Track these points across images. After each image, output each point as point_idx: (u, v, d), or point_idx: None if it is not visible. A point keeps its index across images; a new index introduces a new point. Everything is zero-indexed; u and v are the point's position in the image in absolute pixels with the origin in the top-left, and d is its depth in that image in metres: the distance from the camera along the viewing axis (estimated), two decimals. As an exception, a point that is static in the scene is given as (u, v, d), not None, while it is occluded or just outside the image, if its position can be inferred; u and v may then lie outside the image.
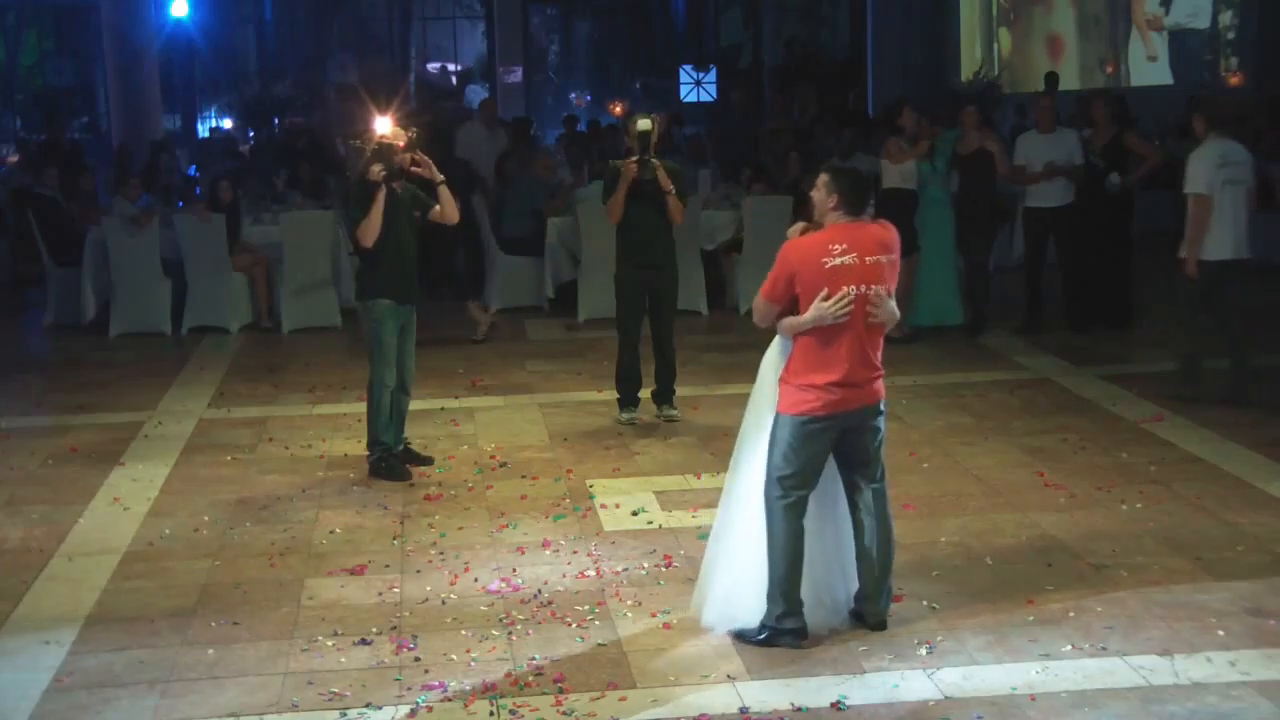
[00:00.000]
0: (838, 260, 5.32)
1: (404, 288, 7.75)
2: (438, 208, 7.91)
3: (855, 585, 5.62)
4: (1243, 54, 20.42)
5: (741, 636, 5.48)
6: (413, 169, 7.77)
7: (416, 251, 7.88)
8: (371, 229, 7.57)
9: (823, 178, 5.47)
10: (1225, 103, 10.56)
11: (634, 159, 8.56)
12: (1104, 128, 11.11)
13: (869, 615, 5.54)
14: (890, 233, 5.45)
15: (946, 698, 4.99)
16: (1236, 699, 4.93)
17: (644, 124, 8.58)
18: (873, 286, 5.32)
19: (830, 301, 5.29)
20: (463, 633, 5.64)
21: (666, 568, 6.31)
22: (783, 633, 5.41)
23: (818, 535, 5.55)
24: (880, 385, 5.50)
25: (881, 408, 5.53)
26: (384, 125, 7.69)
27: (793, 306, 5.40)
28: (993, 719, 4.85)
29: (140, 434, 8.81)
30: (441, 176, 7.94)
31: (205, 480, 7.85)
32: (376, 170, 7.59)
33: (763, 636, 5.43)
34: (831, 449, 5.48)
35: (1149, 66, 20.97)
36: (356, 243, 7.72)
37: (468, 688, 5.15)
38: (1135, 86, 20.00)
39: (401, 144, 7.67)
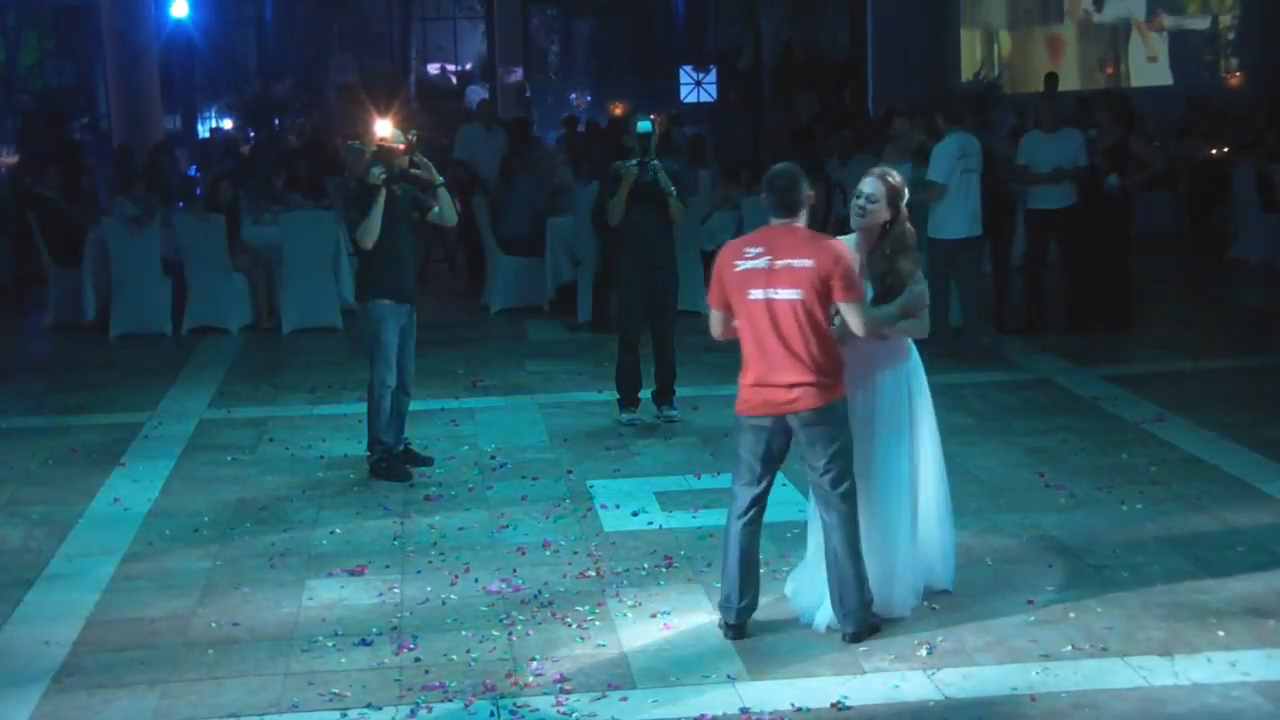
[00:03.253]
0: (749, 264, 5.39)
1: (403, 288, 7.75)
2: (436, 209, 7.92)
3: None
4: (1243, 54, 20.42)
5: None
6: (412, 170, 7.77)
7: (415, 252, 7.89)
8: (370, 231, 7.57)
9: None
10: (961, 101, 11.70)
11: (635, 161, 8.55)
12: (1108, 129, 11.10)
13: (838, 624, 5.52)
14: (823, 241, 5.39)
15: (947, 698, 5.00)
16: (1236, 699, 4.93)
17: (644, 125, 8.58)
18: (782, 291, 5.30)
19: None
20: (463, 633, 5.64)
21: (666, 568, 6.31)
22: (720, 624, 5.57)
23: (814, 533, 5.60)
24: (819, 393, 5.32)
25: (821, 416, 5.34)
26: (384, 128, 7.69)
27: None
28: (993, 719, 4.86)
29: (140, 434, 8.81)
30: (441, 178, 7.95)
31: (205, 480, 7.85)
32: (376, 173, 7.59)
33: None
34: (776, 450, 5.47)
35: (1149, 67, 20.98)
36: (356, 244, 7.74)
37: (468, 688, 5.15)
38: (1135, 86, 20.00)
39: (402, 147, 7.67)
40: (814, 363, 5.33)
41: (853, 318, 5.34)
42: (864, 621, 5.46)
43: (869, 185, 5.65)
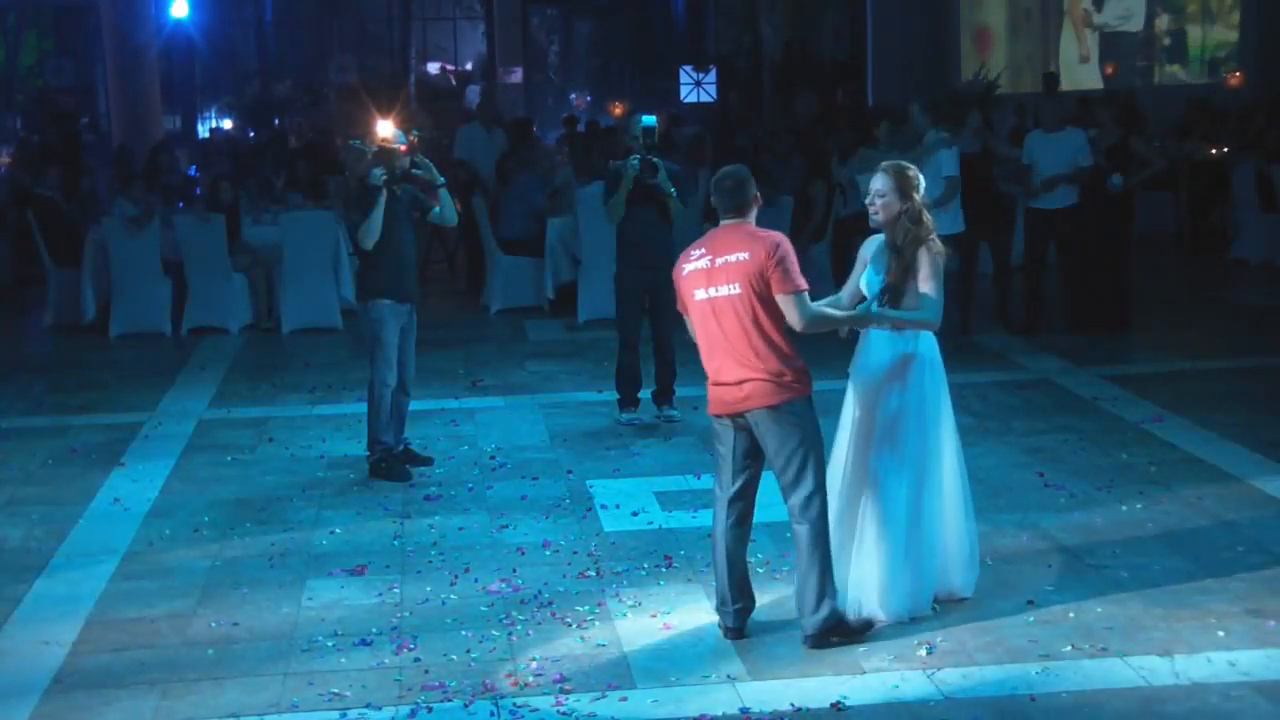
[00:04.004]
0: (693, 265, 5.45)
1: (404, 288, 7.76)
2: (437, 209, 7.92)
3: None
4: (1244, 54, 20.41)
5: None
6: (413, 171, 7.77)
7: (416, 252, 7.89)
8: (371, 232, 7.57)
9: None
10: (952, 101, 11.91)
11: (636, 158, 8.55)
12: (1109, 129, 11.10)
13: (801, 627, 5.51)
14: (761, 235, 5.38)
15: (947, 698, 4.99)
16: (1236, 699, 4.93)
17: (648, 119, 8.59)
18: (721, 288, 5.32)
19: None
20: (463, 633, 5.64)
21: (666, 568, 6.31)
22: (720, 626, 5.57)
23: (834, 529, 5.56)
24: (772, 390, 5.29)
25: (774, 415, 5.31)
26: (386, 128, 7.69)
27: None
28: (993, 719, 4.85)
29: (140, 434, 8.81)
30: (442, 179, 7.95)
31: (205, 480, 7.85)
32: (378, 174, 7.59)
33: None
34: (741, 451, 5.46)
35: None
36: (356, 244, 7.74)
37: (468, 688, 5.15)
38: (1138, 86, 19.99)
39: (403, 148, 7.67)
40: (760, 359, 5.30)
41: (789, 311, 5.29)
42: (822, 630, 5.38)
43: (877, 181, 5.65)
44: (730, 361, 5.37)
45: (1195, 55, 21.23)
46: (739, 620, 5.52)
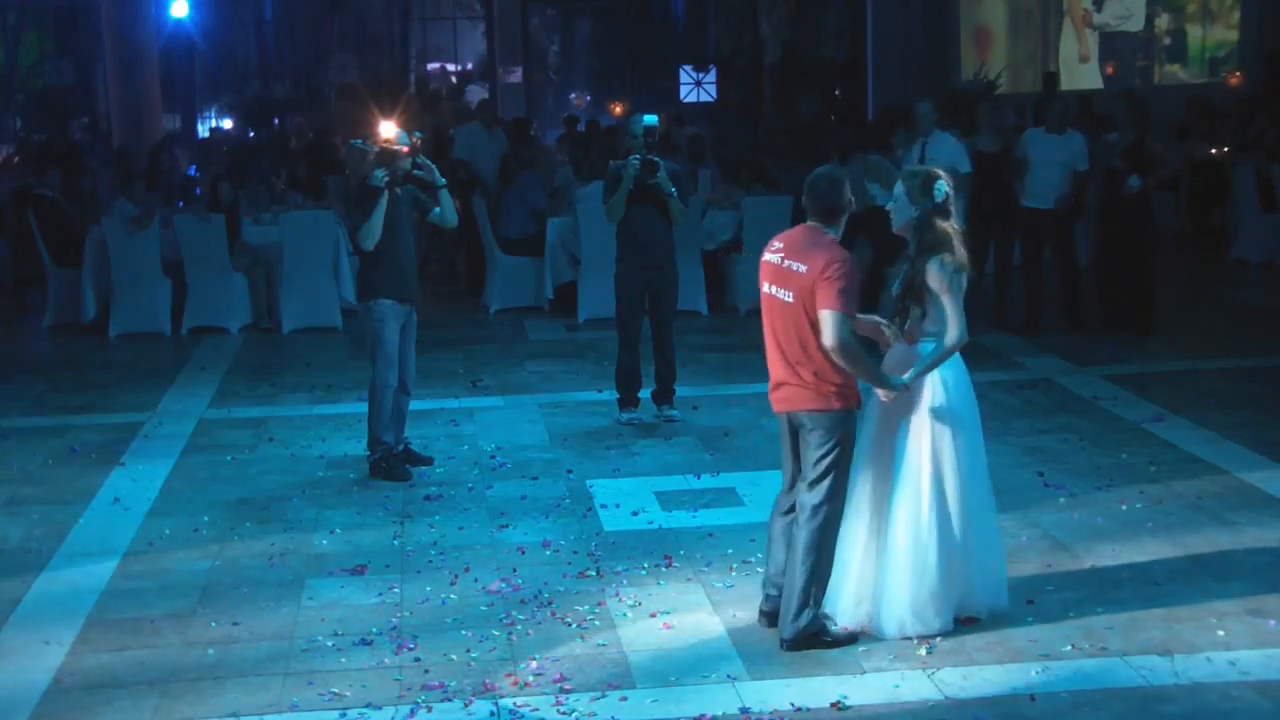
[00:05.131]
0: (769, 256, 5.43)
1: (405, 288, 7.75)
2: (437, 210, 7.92)
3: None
4: (1244, 54, 20.42)
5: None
6: (415, 173, 7.77)
7: (417, 253, 7.89)
8: (372, 234, 7.56)
9: None
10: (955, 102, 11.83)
11: (636, 157, 8.55)
12: (1127, 130, 11.06)
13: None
14: (826, 250, 5.23)
15: (947, 698, 5.00)
16: (1236, 699, 4.93)
17: (650, 118, 8.60)
18: (780, 290, 5.30)
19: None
20: (463, 633, 5.64)
21: (666, 568, 6.31)
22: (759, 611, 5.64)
23: (850, 539, 5.53)
24: (808, 397, 5.29)
25: (809, 421, 5.32)
26: (388, 129, 7.68)
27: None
28: (993, 719, 4.85)
29: (140, 434, 8.81)
30: (444, 180, 7.95)
31: (205, 480, 7.85)
32: (380, 175, 7.58)
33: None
34: (791, 445, 5.48)
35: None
36: (356, 245, 7.74)
37: (468, 688, 5.15)
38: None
39: (405, 149, 7.66)
40: (801, 368, 5.30)
41: (824, 325, 5.18)
42: (798, 638, 5.36)
43: (895, 186, 5.60)
44: (777, 362, 5.40)
45: (1195, 55, 21.24)
46: (774, 605, 5.53)
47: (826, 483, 5.34)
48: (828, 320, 5.17)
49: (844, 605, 5.54)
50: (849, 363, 5.23)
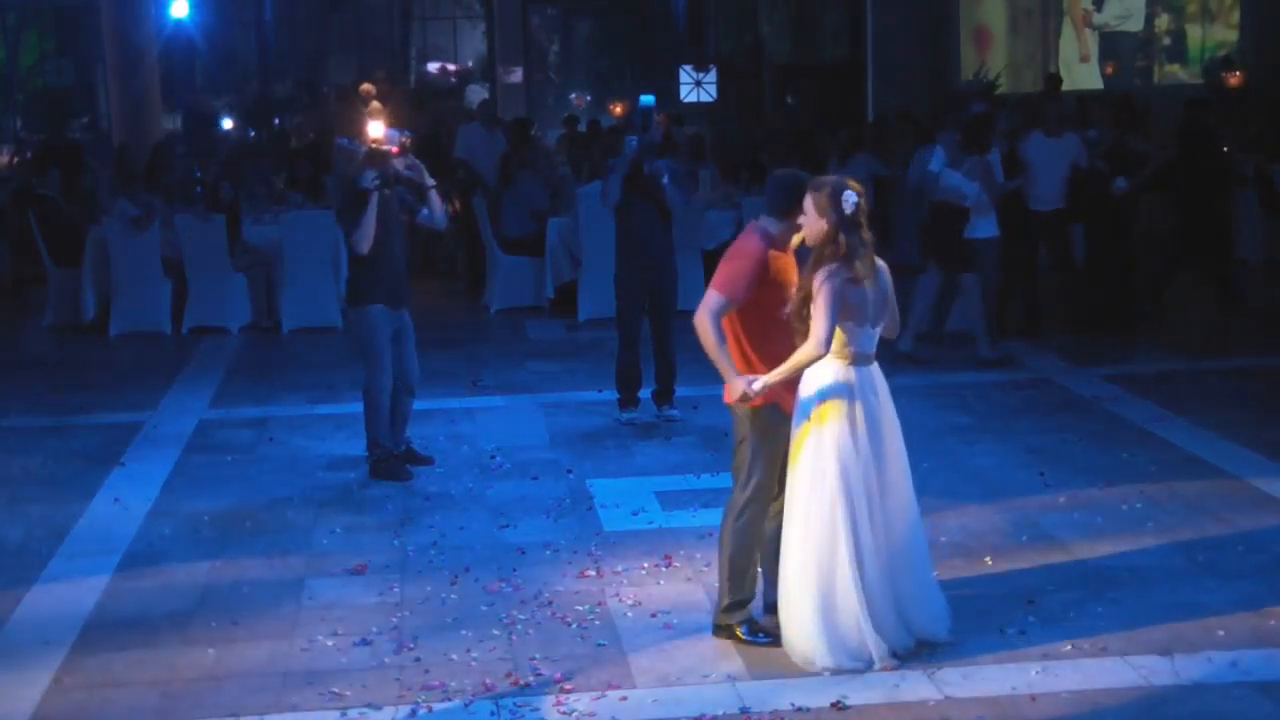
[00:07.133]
0: None
1: (397, 294, 7.67)
2: (426, 211, 7.85)
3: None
4: (1244, 54, 20.41)
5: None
6: (405, 172, 7.70)
7: (407, 255, 7.82)
8: (365, 237, 7.50)
9: None
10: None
11: (635, 138, 8.55)
12: (1107, 129, 11.09)
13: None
14: (740, 238, 5.61)
15: (946, 698, 5.00)
16: (1236, 699, 4.93)
17: (646, 98, 8.61)
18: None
19: None
20: (463, 633, 5.64)
21: (666, 568, 6.31)
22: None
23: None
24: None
25: (733, 412, 5.45)
26: (377, 129, 7.62)
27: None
28: (993, 719, 4.86)
29: (140, 434, 8.81)
30: (433, 181, 7.86)
31: (205, 480, 7.85)
32: (369, 177, 7.50)
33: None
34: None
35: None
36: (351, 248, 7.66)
37: (468, 688, 5.16)
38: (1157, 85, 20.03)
39: (395, 149, 7.59)
40: (739, 360, 5.38)
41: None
42: (718, 625, 5.52)
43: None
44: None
45: (1195, 55, 21.23)
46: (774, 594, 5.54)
47: (739, 482, 5.46)
48: (706, 296, 5.35)
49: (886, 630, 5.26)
50: (704, 342, 5.32)
